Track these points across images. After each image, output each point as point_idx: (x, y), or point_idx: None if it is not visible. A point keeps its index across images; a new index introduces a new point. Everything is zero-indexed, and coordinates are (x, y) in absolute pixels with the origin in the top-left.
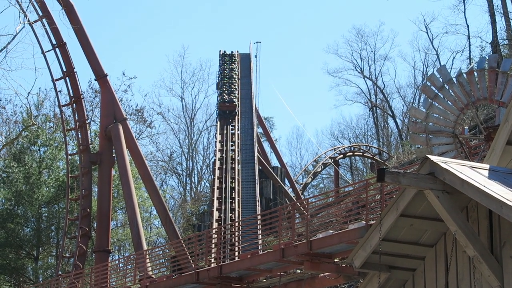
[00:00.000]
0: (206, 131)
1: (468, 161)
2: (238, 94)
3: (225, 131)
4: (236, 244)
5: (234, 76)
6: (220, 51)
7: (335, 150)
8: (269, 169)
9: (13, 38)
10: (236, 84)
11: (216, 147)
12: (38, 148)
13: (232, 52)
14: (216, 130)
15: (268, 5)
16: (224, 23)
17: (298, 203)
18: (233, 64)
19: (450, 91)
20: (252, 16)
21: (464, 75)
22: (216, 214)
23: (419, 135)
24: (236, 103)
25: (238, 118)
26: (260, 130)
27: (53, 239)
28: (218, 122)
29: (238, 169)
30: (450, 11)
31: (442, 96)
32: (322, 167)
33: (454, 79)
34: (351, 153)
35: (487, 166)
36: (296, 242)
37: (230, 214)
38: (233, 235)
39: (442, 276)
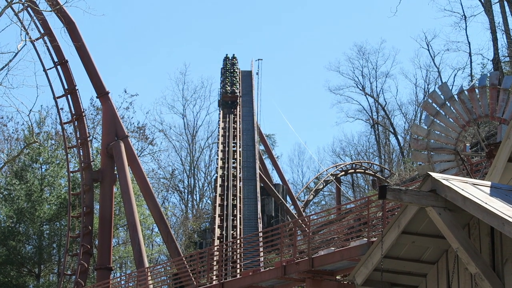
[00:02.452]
0: (208, 148)
1: (469, 178)
2: (239, 86)
3: (227, 124)
4: (238, 261)
5: (236, 70)
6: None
7: (336, 167)
8: (270, 186)
9: (14, 56)
10: (238, 77)
11: (217, 164)
12: (39, 165)
13: (233, 54)
14: (219, 120)
15: (269, 22)
16: (226, 41)
17: (299, 220)
18: (234, 59)
19: (452, 108)
20: (253, 34)
21: (466, 92)
22: (217, 231)
23: (421, 152)
24: (238, 94)
25: (240, 136)
26: (262, 147)
27: (54, 257)
28: (221, 112)
29: (240, 186)
30: (452, 28)
31: (444, 113)
32: (324, 184)
33: (455, 96)
34: (353, 170)
35: (489, 183)
36: (298, 259)
37: (231, 231)
38: (234, 252)
39: None
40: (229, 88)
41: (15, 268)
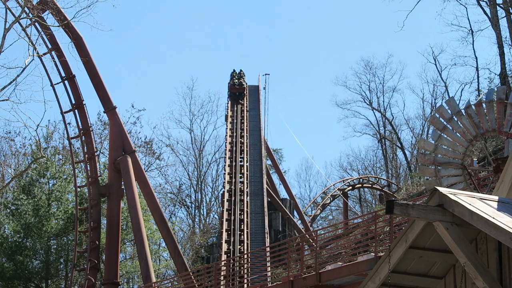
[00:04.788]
0: (215, 163)
1: (477, 193)
2: (245, 80)
3: (235, 112)
4: (245, 276)
5: (242, 73)
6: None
7: (344, 182)
8: (278, 201)
9: (22, 71)
10: (244, 76)
11: (225, 179)
12: (47, 180)
13: (241, 69)
14: (227, 110)
15: (276, 37)
16: (233, 55)
17: (307, 235)
18: (241, 73)
19: (459, 123)
20: (260, 49)
21: (473, 107)
22: (225, 246)
23: (428, 167)
24: (245, 86)
25: (247, 150)
26: (269, 162)
27: (62, 272)
28: (229, 102)
29: (247, 201)
30: (459, 43)
31: (451, 127)
32: (331, 199)
33: (462, 110)
34: (360, 185)
35: (496, 197)
36: (305, 274)
37: (239, 246)
38: (242, 267)
39: None
40: (236, 81)
41: (22, 283)
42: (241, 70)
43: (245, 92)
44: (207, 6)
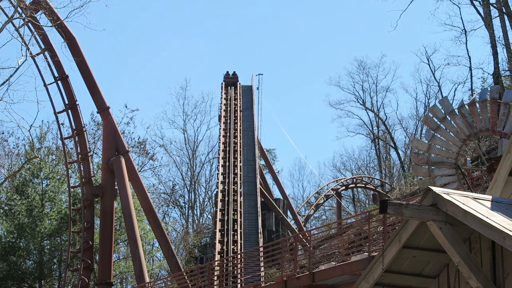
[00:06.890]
0: (209, 163)
1: (470, 192)
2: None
3: (228, 97)
4: (239, 276)
5: (236, 75)
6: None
7: (337, 182)
8: (271, 201)
9: (15, 71)
10: (237, 76)
11: (218, 179)
12: (40, 180)
13: (234, 71)
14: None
15: (270, 37)
16: (226, 56)
17: (300, 235)
18: (235, 76)
19: (452, 123)
20: (254, 49)
21: (466, 107)
22: (218, 246)
23: (422, 167)
24: (238, 76)
25: (240, 150)
26: (263, 162)
27: (55, 272)
28: (223, 89)
29: (241, 201)
30: (452, 42)
31: (444, 127)
32: (324, 199)
33: (456, 110)
34: (353, 185)
35: (490, 197)
36: (299, 274)
37: (232, 246)
38: (235, 267)
39: None
40: (229, 72)
41: (15, 284)
42: (234, 72)
43: (237, 81)
44: (200, 7)
